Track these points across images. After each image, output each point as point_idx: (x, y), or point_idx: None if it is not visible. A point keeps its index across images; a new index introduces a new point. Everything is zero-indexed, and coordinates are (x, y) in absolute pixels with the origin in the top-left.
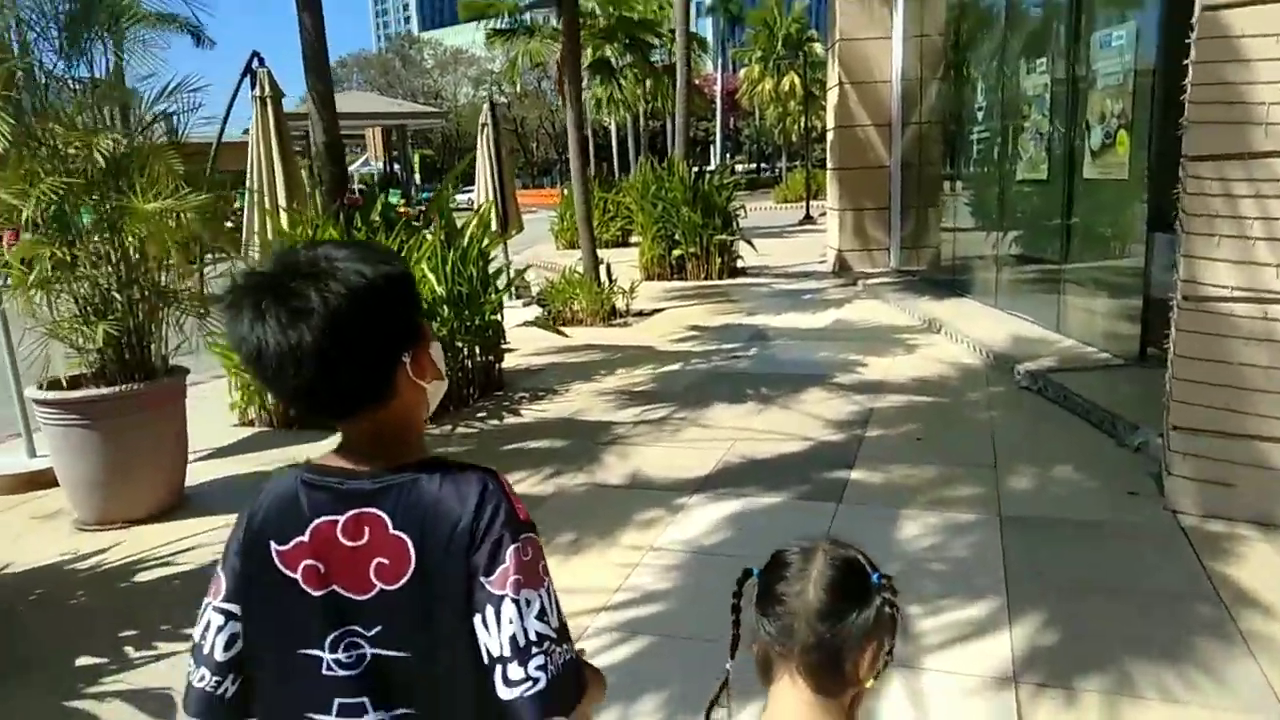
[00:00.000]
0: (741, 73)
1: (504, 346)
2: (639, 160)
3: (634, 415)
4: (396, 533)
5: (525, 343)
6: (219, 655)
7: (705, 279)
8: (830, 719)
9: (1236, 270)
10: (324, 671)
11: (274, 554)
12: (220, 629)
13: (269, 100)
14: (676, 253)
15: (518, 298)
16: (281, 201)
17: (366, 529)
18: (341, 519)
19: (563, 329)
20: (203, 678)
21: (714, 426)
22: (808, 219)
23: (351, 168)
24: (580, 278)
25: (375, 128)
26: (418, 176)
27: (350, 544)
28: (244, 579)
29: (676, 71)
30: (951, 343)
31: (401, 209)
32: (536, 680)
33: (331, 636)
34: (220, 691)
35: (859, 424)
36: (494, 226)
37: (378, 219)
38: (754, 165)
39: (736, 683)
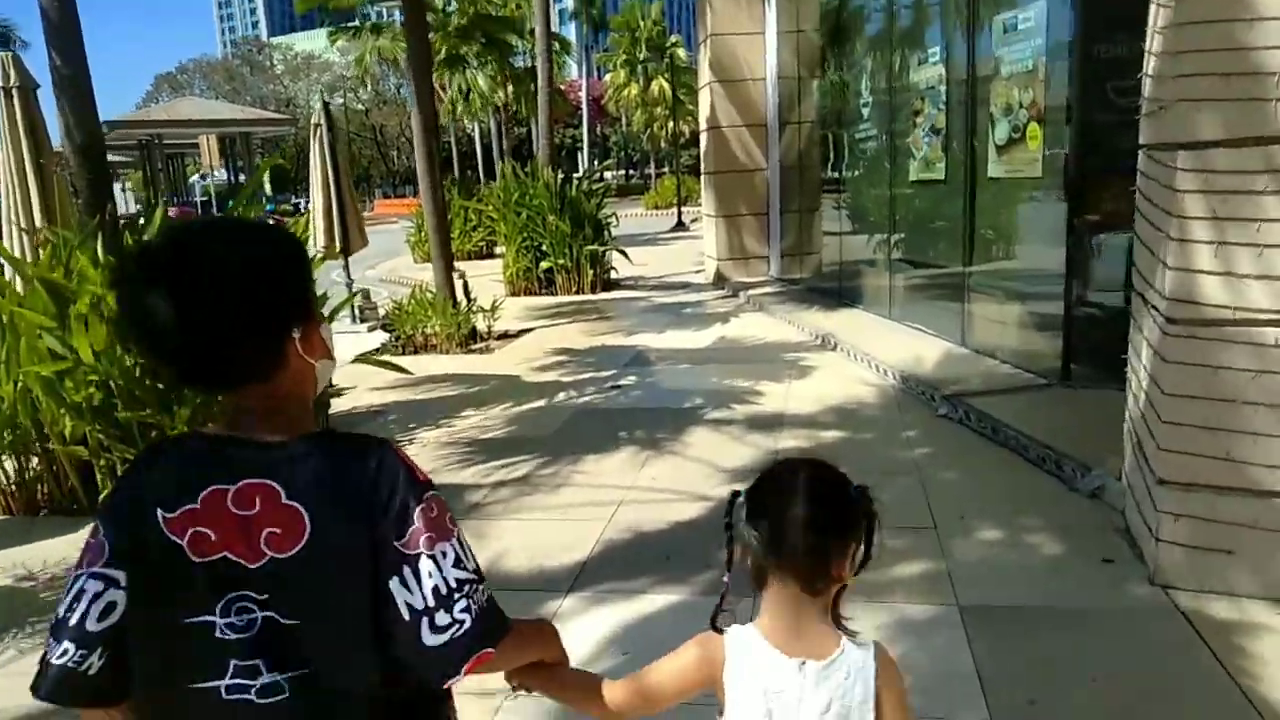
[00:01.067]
0: (607, 77)
1: (330, 389)
2: (501, 166)
3: (491, 473)
4: (290, 503)
5: (363, 379)
6: (90, 625)
7: (577, 293)
8: (817, 614)
9: (1242, 286)
10: (216, 635)
11: (160, 520)
12: (97, 596)
13: (15, 92)
14: (544, 265)
15: (362, 321)
16: (38, 219)
17: (257, 498)
18: (232, 489)
19: (402, 365)
20: (65, 652)
21: (591, 485)
22: (680, 225)
23: (192, 179)
24: (434, 297)
25: (209, 136)
26: (268, 187)
27: (241, 513)
28: (126, 545)
29: (538, 72)
30: (850, 361)
31: None
32: (462, 622)
33: (223, 602)
34: (84, 667)
35: None
36: (320, 241)
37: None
38: (623, 171)
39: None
